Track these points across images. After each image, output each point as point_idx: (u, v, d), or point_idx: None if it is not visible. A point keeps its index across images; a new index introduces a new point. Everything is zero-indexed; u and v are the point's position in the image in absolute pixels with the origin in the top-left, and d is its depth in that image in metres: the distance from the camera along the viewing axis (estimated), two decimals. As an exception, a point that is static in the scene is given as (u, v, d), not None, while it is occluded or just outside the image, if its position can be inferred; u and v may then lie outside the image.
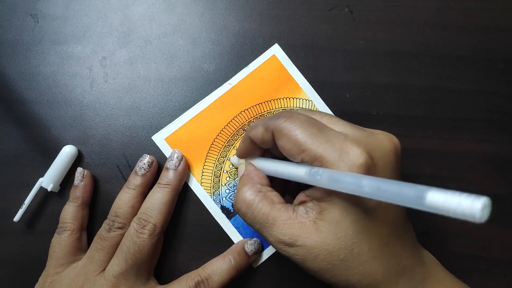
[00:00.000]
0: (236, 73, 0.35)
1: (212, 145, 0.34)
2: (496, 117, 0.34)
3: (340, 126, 0.25)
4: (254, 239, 0.33)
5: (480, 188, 0.33)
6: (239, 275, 0.31)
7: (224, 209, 0.34)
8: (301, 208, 0.24)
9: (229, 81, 0.35)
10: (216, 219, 0.33)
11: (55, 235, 0.32)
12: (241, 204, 0.26)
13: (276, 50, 0.35)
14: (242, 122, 0.34)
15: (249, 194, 0.26)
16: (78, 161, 0.34)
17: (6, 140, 0.35)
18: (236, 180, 0.34)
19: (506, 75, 0.34)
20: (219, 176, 0.34)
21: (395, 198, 0.18)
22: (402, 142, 0.25)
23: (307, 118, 0.24)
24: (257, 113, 0.34)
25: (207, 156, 0.34)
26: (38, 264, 0.32)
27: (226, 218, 0.33)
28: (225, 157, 0.34)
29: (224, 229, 0.33)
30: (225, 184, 0.34)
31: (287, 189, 0.30)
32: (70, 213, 0.32)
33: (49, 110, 0.35)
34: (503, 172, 0.33)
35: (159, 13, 0.36)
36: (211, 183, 0.34)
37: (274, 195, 0.26)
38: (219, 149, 0.34)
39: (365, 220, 0.23)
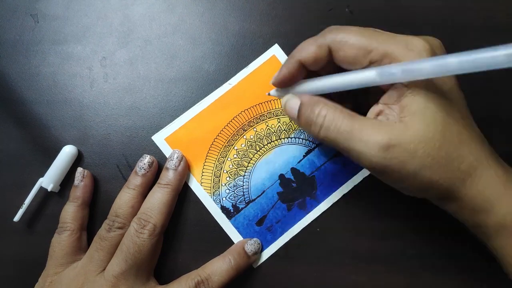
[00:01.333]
0: (236, 73, 0.35)
1: (212, 145, 0.34)
2: (496, 117, 0.34)
3: (384, 33, 0.25)
4: (254, 239, 0.33)
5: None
6: (239, 275, 0.31)
7: (224, 209, 0.34)
8: (381, 117, 0.24)
9: (229, 81, 0.35)
10: (216, 219, 0.33)
11: (55, 235, 0.32)
12: (321, 120, 0.24)
13: (276, 51, 0.35)
14: (242, 122, 0.34)
15: (327, 109, 0.24)
16: (78, 161, 0.35)
17: (6, 140, 0.35)
18: (236, 180, 0.34)
19: (506, 75, 0.34)
20: (219, 176, 0.34)
21: (485, 63, 0.18)
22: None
23: (356, 27, 0.25)
24: (257, 113, 0.34)
25: (207, 156, 0.34)
26: (38, 264, 0.32)
27: (226, 218, 0.33)
28: (225, 157, 0.34)
29: (224, 229, 0.33)
30: (225, 184, 0.34)
31: None
32: (70, 213, 0.32)
33: (49, 110, 0.35)
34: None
35: (159, 13, 0.36)
36: (211, 183, 0.34)
37: (349, 110, 0.25)
38: (219, 149, 0.34)
39: (447, 103, 0.23)
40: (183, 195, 0.34)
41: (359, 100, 0.29)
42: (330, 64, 0.26)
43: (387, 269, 0.33)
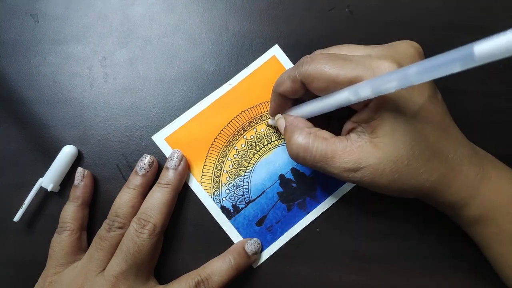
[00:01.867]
0: (236, 73, 0.35)
1: (212, 145, 0.34)
2: (496, 117, 0.34)
3: (361, 50, 0.27)
4: (254, 239, 0.33)
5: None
6: (239, 275, 0.31)
7: (224, 209, 0.34)
8: (352, 135, 0.26)
9: (229, 82, 0.35)
10: (216, 219, 0.33)
11: (55, 235, 0.32)
12: (297, 150, 0.27)
13: (276, 51, 0.35)
14: (242, 122, 0.34)
15: (301, 139, 0.27)
16: (78, 161, 0.35)
17: (6, 140, 0.35)
18: (236, 180, 0.34)
19: (506, 75, 0.34)
20: (219, 176, 0.34)
21: (445, 67, 0.18)
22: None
23: (328, 54, 0.26)
24: (257, 114, 0.34)
25: (207, 156, 0.34)
26: (38, 264, 0.32)
27: (226, 218, 0.33)
28: (225, 157, 0.34)
29: (224, 229, 0.33)
30: (225, 184, 0.34)
31: (329, 128, 0.30)
32: (70, 213, 0.32)
33: (49, 110, 0.35)
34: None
35: (159, 13, 0.36)
36: (211, 183, 0.34)
37: (324, 133, 0.27)
38: (219, 149, 0.34)
39: (415, 124, 0.24)
40: (183, 195, 0.34)
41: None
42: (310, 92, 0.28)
43: (387, 269, 0.33)
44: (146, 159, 0.33)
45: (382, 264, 0.33)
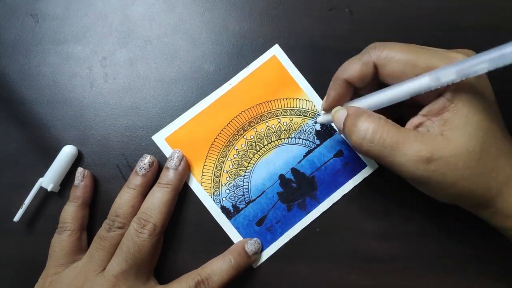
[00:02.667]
0: (236, 73, 0.35)
1: (212, 145, 0.34)
2: None
3: (427, 49, 0.26)
4: (255, 239, 0.33)
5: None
6: (239, 275, 0.31)
7: (224, 209, 0.34)
8: (421, 129, 0.25)
9: (229, 82, 0.35)
10: (216, 219, 0.33)
11: (55, 235, 0.32)
12: (365, 132, 0.25)
13: (276, 51, 0.35)
14: (242, 122, 0.34)
15: (371, 121, 0.25)
16: (78, 161, 0.35)
17: (6, 140, 0.35)
18: (236, 180, 0.34)
19: (506, 75, 0.34)
20: (219, 176, 0.34)
21: None
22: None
23: (399, 43, 0.26)
24: (257, 113, 0.34)
25: (207, 156, 0.34)
26: (38, 264, 0.32)
27: (226, 218, 0.33)
28: (225, 157, 0.34)
29: (224, 229, 0.33)
30: (225, 184, 0.34)
31: None
32: (70, 213, 0.32)
33: (49, 110, 0.35)
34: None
35: (159, 13, 0.36)
36: (211, 183, 0.34)
37: (392, 122, 0.26)
38: (219, 149, 0.34)
39: (487, 117, 0.24)
40: (183, 195, 0.34)
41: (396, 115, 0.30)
42: (373, 82, 0.27)
43: (387, 269, 0.33)
44: (146, 159, 0.33)
45: (382, 264, 0.33)
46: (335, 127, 0.32)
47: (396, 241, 0.33)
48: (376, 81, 0.27)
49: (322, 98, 0.34)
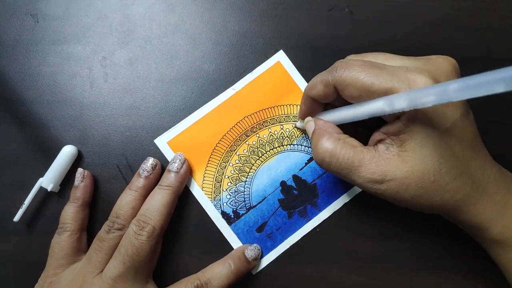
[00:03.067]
0: (236, 73, 0.35)
1: (214, 150, 0.34)
2: (496, 117, 0.34)
3: (397, 60, 0.26)
4: (255, 245, 0.33)
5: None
6: (238, 280, 0.31)
7: (224, 215, 0.33)
8: (380, 146, 0.26)
9: (233, 87, 0.34)
10: (216, 224, 0.33)
11: (55, 235, 0.32)
12: (324, 155, 0.27)
13: (281, 57, 0.35)
14: (245, 128, 0.34)
15: (329, 143, 0.27)
16: (78, 161, 0.34)
17: (6, 140, 0.35)
18: (237, 185, 0.34)
19: None
20: (221, 181, 0.34)
21: (488, 87, 0.18)
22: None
23: (363, 61, 0.25)
24: (260, 119, 0.34)
25: (209, 160, 0.34)
26: (38, 264, 0.32)
27: (226, 224, 0.33)
28: (227, 162, 0.34)
29: (224, 235, 0.33)
30: (226, 190, 0.34)
31: (356, 136, 0.29)
32: (70, 213, 0.32)
33: (49, 110, 0.35)
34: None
35: (159, 13, 0.36)
36: (212, 188, 0.34)
37: (352, 140, 0.27)
38: (221, 154, 0.34)
39: (445, 141, 0.24)
40: (184, 199, 0.34)
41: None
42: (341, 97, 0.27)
43: (387, 269, 0.33)
44: (150, 161, 0.32)
45: (382, 264, 0.33)
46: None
47: (396, 241, 0.33)
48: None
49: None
